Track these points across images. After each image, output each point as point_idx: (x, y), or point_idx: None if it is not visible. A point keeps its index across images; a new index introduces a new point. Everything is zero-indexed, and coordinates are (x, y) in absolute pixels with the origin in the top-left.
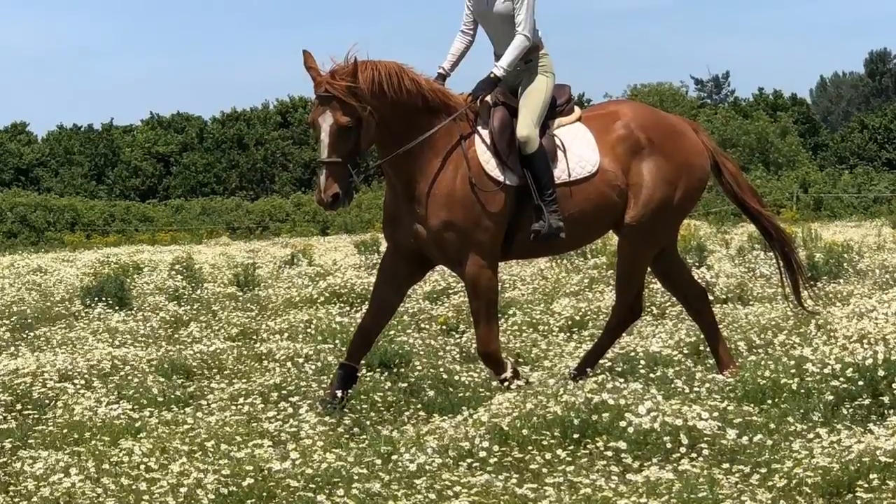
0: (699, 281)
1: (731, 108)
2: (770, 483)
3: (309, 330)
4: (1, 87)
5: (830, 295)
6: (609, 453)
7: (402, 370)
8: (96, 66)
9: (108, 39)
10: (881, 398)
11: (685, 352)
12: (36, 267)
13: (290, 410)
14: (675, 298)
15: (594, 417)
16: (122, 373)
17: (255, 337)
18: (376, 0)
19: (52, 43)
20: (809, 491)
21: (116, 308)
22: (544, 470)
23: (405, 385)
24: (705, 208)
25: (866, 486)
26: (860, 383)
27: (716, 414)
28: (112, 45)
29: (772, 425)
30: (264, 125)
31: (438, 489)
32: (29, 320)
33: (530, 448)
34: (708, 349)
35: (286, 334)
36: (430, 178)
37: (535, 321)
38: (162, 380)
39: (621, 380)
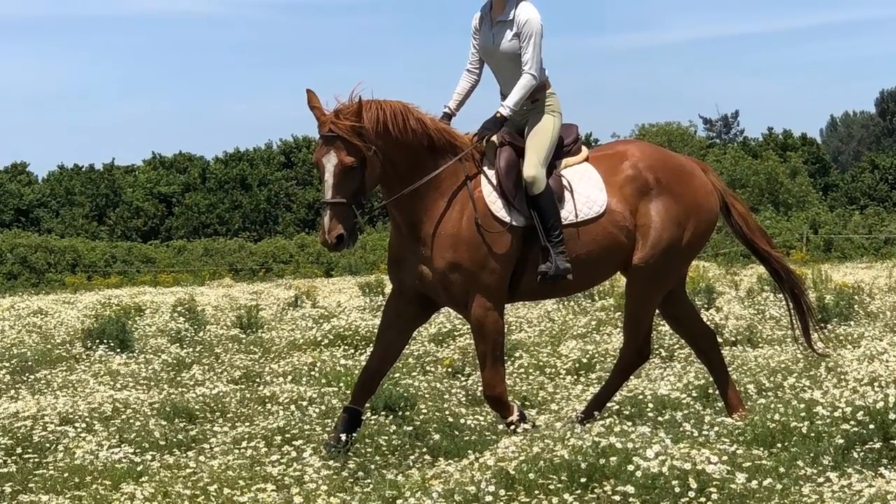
0: (708, 323)
1: (741, 147)
2: None
3: (313, 373)
4: (1, 127)
5: (841, 337)
6: (617, 497)
7: (408, 413)
8: (97, 105)
9: (109, 79)
10: (892, 441)
11: (694, 395)
12: (36, 309)
13: (294, 454)
14: (683, 340)
15: (602, 461)
16: (123, 416)
17: (258, 380)
18: (381, 39)
19: (53, 83)
20: None
21: (118, 350)
22: None
23: (410, 428)
24: (714, 249)
25: None
26: (871, 427)
27: (725, 458)
28: (113, 85)
29: (781, 469)
30: (268, 165)
31: None
32: (29, 363)
33: (537, 492)
34: (717, 392)
35: (290, 377)
36: (435, 218)
37: (541, 364)
38: (164, 423)
39: (629, 423)
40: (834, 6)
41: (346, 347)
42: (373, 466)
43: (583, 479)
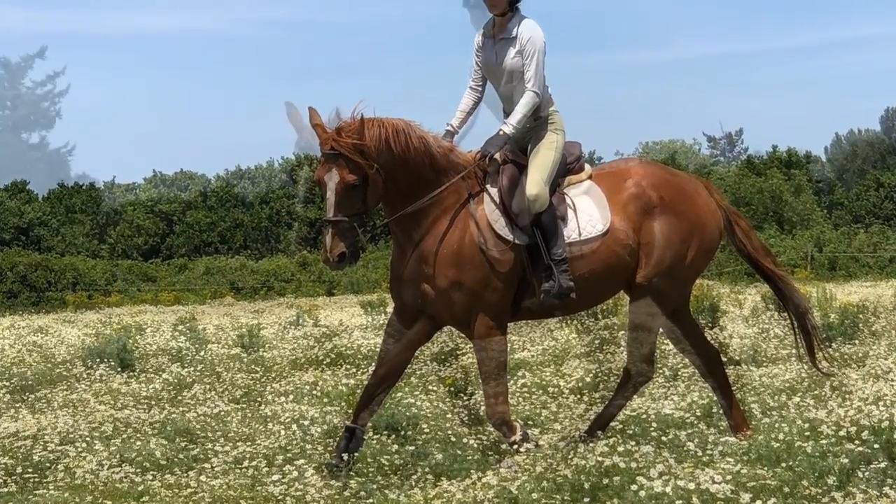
0: (712, 342)
1: (745, 165)
2: None
3: (314, 392)
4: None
5: (845, 356)
6: None
7: (410, 433)
8: (98, 123)
9: (110, 97)
10: None
11: (698, 414)
12: (37, 328)
13: (296, 474)
14: (687, 360)
15: (605, 481)
16: (124, 435)
17: (259, 399)
18: (383, 57)
19: None
20: None
21: (119, 369)
22: None
23: (412, 448)
24: (718, 268)
25: None
26: (876, 446)
27: (729, 477)
28: (114, 103)
29: (786, 489)
30: (269, 183)
31: None
32: (30, 382)
33: None
34: (721, 411)
35: (291, 396)
36: (437, 236)
37: (544, 383)
38: (165, 442)
39: (633, 443)
40: (839, 23)
41: (348, 366)
42: (375, 486)
43: (586, 499)
